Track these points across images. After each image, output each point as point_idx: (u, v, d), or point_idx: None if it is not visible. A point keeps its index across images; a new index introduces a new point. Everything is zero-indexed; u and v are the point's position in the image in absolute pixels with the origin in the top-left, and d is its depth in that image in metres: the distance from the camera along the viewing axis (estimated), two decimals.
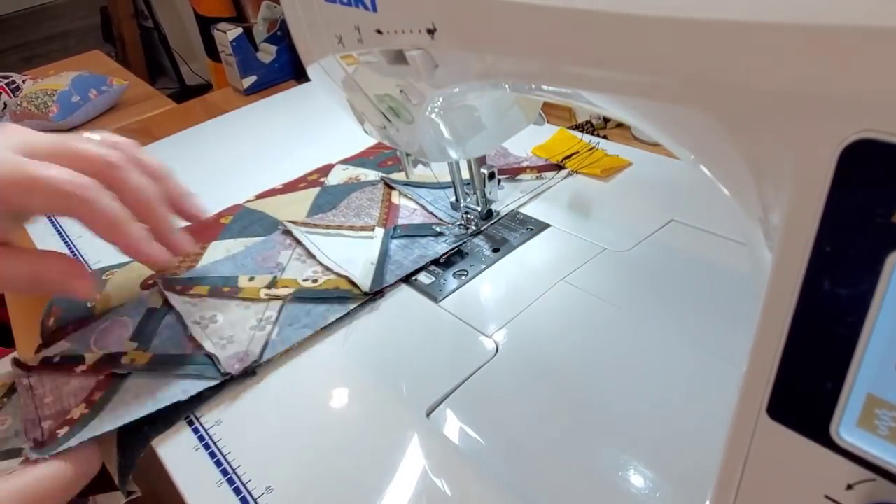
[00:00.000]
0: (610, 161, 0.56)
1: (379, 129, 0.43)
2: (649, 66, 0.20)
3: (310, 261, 0.48)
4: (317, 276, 0.46)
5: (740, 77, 0.17)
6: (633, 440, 0.33)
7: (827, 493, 0.18)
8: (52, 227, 0.59)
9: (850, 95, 0.15)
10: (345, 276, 0.45)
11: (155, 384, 0.38)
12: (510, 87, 0.31)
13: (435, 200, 0.54)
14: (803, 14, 0.15)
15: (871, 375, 0.16)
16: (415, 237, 0.50)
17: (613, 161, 0.56)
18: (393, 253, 0.48)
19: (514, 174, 0.57)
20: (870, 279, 0.15)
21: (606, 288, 0.42)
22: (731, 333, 0.36)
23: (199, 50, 1.64)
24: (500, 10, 0.25)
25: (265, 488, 0.33)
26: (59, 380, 0.39)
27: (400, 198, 0.56)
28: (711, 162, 0.22)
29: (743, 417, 0.19)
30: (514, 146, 0.61)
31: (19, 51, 2.49)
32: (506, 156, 0.60)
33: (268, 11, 0.92)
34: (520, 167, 0.57)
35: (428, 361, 0.39)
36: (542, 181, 0.55)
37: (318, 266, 0.47)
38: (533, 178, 0.56)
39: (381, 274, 0.46)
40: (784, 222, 0.17)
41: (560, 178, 0.56)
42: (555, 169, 0.57)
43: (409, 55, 0.31)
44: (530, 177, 0.56)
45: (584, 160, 0.57)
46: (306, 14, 0.38)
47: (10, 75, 1.06)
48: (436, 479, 0.32)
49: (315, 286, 0.45)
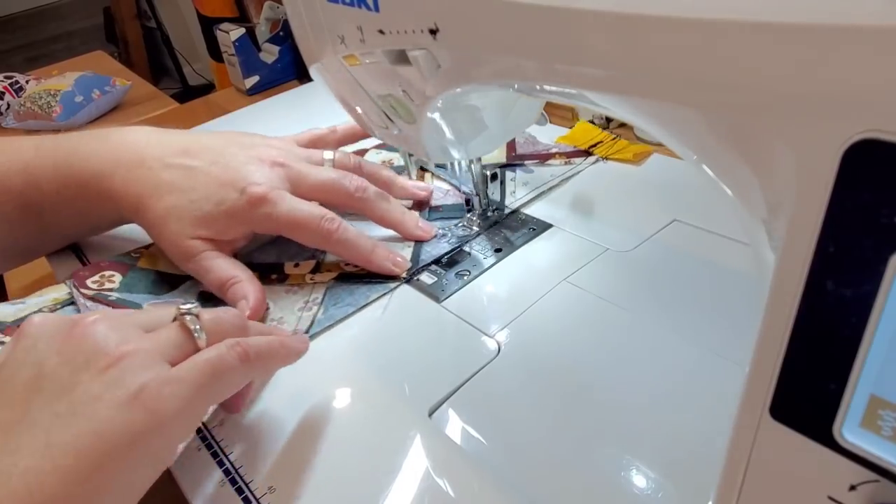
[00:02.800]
0: (638, 147, 0.57)
1: (381, 129, 0.44)
2: (652, 67, 0.20)
3: None
4: None
5: (743, 77, 0.17)
6: (636, 440, 0.33)
7: (830, 494, 0.18)
8: None
9: (854, 95, 0.15)
10: None
11: None
12: (512, 87, 0.31)
13: (468, 181, 0.55)
14: (806, 14, 0.15)
15: (874, 376, 0.16)
16: (449, 219, 0.52)
17: (640, 147, 0.57)
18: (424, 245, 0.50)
19: (543, 160, 0.58)
20: (873, 279, 0.15)
21: (609, 288, 0.42)
22: (734, 334, 0.36)
23: (202, 50, 1.64)
24: (502, 11, 0.25)
25: (267, 488, 0.33)
26: None
27: (433, 179, 0.57)
28: (714, 162, 0.22)
29: (746, 418, 0.19)
30: (539, 135, 0.62)
31: (23, 51, 2.50)
32: (535, 143, 0.61)
33: (270, 12, 0.92)
34: (549, 153, 0.59)
35: (430, 361, 0.39)
36: (572, 167, 0.56)
37: None
38: (562, 164, 0.57)
39: (417, 255, 0.48)
40: (787, 222, 0.17)
41: (589, 164, 0.57)
42: (583, 155, 0.58)
43: (412, 55, 0.31)
44: (559, 162, 0.57)
45: (610, 148, 0.58)
46: (309, 14, 0.38)
47: (14, 75, 1.07)
48: (438, 479, 0.32)
49: (356, 270, 0.47)
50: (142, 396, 0.26)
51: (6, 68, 1.15)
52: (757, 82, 0.17)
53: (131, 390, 0.26)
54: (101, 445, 0.25)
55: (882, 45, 0.14)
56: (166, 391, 0.27)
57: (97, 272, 0.46)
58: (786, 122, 0.17)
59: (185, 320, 0.31)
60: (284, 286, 0.46)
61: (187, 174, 0.43)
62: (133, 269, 0.47)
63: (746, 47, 0.17)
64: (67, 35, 2.60)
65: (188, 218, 0.42)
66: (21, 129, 0.99)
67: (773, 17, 0.16)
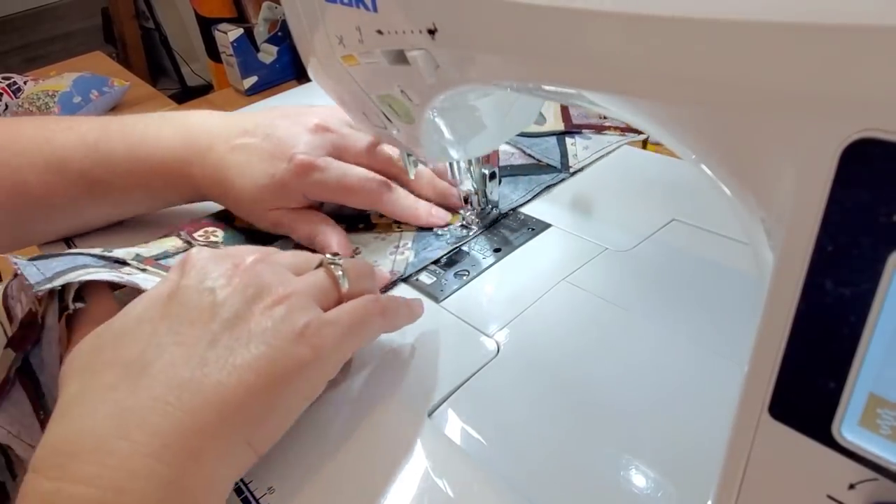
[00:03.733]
0: None
1: (380, 129, 0.43)
2: (650, 66, 0.20)
3: None
4: None
5: (742, 77, 0.17)
6: (634, 439, 0.33)
7: (829, 493, 0.18)
8: None
9: (852, 94, 0.15)
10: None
11: None
12: (511, 87, 0.31)
13: (532, 145, 0.58)
14: (805, 13, 0.15)
15: (872, 375, 0.16)
16: (518, 175, 0.54)
17: None
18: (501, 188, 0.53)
19: (599, 129, 0.60)
20: (872, 278, 0.15)
21: (608, 288, 0.42)
22: (733, 333, 0.36)
23: (200, 51, 1.64)
24: (501, 11, 0.25)
25: (267, 489, 0.33)
26: None
27: None
28: (713, 161, 0.22)
29: (745, 417, 0.19)
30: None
31: (21, 52, 2.49)
32: (587, 116, 0.63)
33: (268, 12, 0.92)
34: (603, 125, 0.61)
35: (429, 361, 0.39)
36: (626, 137, 0.59)
37: None
38: (617, 134, 0.59)
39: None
40: (786, 222, 0.17)
41: (641, 139, 0.59)
42: (635, 132, 0.60)
43: (410, 55, 0.31)
44: (615, 133, 0.59)
45: None
46: (307, 14, 0.38)
47: (12, 76, 1.06)
48: (437, 480, 0.32)
49: None
50: (307, 333, 0.30)
51: (4, 69, 1.15)
52: (755, 82, 0.17)
53: (297, 327, 0.30)
54: (275, 370, 0.29)
55: (881, 45, 0.14)
56: (325, 331, 0.31)
57: (200, 228, 0.49)
58: (784, 122, 0.17)
59: (330, 268, 0.35)
60: (373, 234, 0.50)
61: (249, 152, 0.46)
62: (230, 226, 0.51)
63: (745, 47, 0.17)
64: (65, 36, 2.60)
65: (258, 194, 0.46)
66: None
67: (771, 16, 0.16)
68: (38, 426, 0.37)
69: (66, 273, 0.36)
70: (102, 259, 0.40)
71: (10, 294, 0.39)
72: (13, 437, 0.37)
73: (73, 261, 0.38)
